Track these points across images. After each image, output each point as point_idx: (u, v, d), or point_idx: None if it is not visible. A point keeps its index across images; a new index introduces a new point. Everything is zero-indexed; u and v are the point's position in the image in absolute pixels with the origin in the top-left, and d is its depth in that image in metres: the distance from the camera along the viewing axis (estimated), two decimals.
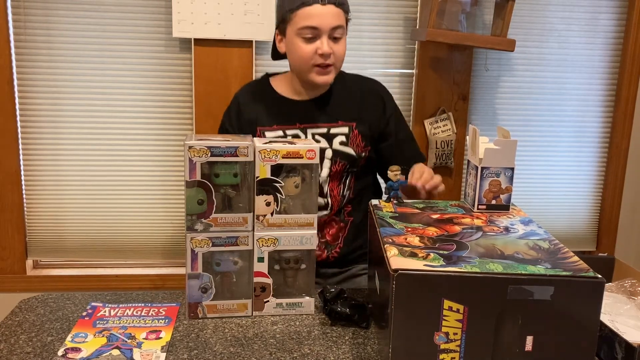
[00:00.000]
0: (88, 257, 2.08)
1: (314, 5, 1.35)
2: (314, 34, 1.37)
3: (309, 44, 1.38)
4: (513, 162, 1.19)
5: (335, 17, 1.37)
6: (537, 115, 2.16)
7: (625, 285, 1.36)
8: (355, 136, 1.48)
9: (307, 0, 1.35)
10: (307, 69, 1.41)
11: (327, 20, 1.35)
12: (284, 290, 1.19)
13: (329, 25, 1.36)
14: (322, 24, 1.35)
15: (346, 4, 1.42)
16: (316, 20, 1.35)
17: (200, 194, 1.11)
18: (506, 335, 0.88)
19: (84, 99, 1.96)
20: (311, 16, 1.35)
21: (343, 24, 1.40)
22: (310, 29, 1.36)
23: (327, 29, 1.36)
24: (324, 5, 1.35)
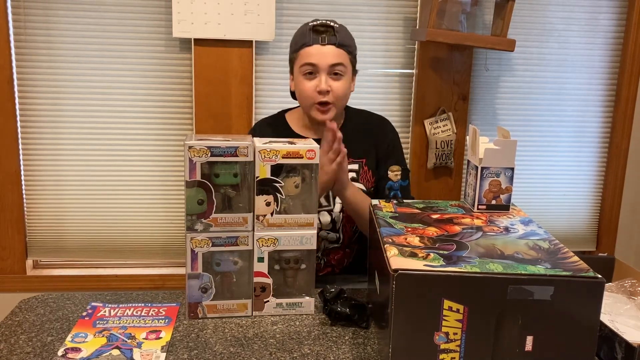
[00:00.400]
0: (88, 257, 2.08)
1: (313, 46, 1.42)
2: (313, 70, 1.43)
3: (310, 80, 1.44)
4: (513, 162, 1.19)
5: (334, 56, 1.43)
6: (537, 115, 2.16)
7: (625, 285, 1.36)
8: (365, 172, 1.51)
9: (307, 41, 1.43)
10: (309, 106, 1.46)
11: (326, 58, 1.42)
12: (284, 290, 1.19)
13: (327, 63, 1.42)
14: (320, 61, 1.42)
15: (350, 45, 1.46)
16: (315, 57, 1.42)
17: (200, 194, 1.11)
18: (506, 335, 0.88)
19: (84, 99, 1.96)
20: (311, 54, 1.43)
21: (344, 62, 1.44)
22: (310, 66, 1.43)
23: (326, 67, 1.42)
24: (323, 45, 1.42)
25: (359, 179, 1.50)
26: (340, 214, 1.49)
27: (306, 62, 1.43)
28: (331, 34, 1.43)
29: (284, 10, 1.96)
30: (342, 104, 1.49)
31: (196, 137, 1.13)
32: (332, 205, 1.49)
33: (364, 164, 1.51)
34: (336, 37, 1.43)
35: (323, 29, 1.43)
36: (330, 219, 1.49)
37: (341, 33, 1.45)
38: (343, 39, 1.44)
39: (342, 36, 1.44)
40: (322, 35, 1.42)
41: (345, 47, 1.45)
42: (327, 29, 1.43)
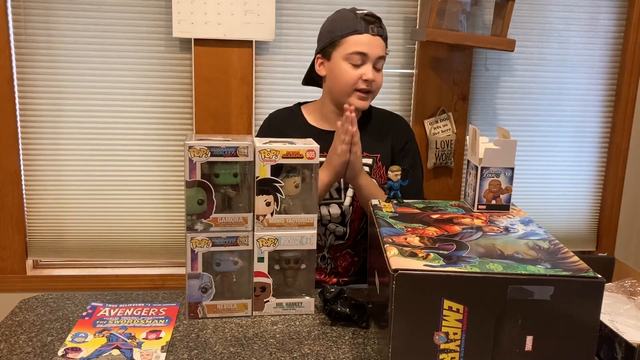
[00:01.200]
0: (88, 257, 2.08)
1: (365, 34, 1.42)
2: (362, 60, 1.43)
3: (356, 69, 1.44)
4: (513, 162, 1.19)
5: (381, 48, 1.44)
6: (537, 115, 2.16)
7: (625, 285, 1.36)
8: (379, 168, 1.51)
9: (359, 28, 1.43)
10: (348, 93, 1.46)
11: (375, 50, 1.43)
12: (284, 290, 1.19)
13: (376, 55, 1.43)
14: (371, 52, 1.43)
15: (387, 40, 1.49)
16: (366, 47, 1.42)
17: (200, 194, 1.11)
18: (506, 335, 0.88)
19: (84, 99, 1.96)
20: (362, 43, 1.42)
21: (384, 57, 1.46)
22: (360, 55, 1.43)
23: (374, 58, 1.43)
24: (373, 36, 1.43)
25: (372, 173, 1.50)
26: (350, 208, 1.49)
27: (357, 50, 1.42)
28: (379, 25, 1.44)
29: (284, 10, 1.96)
30: (376, 96, 1.50)
31: (196, 137, 1.13)
32: (342, 198, 1.49)
33: (377, 159, 1.51)
34: (383, 30, 1.45)
35: (373, 20, 1.44)
36: (340, 212, 1.49)
37: (384, 26, 1.47)
38: (385, 32, 1.47)
39: (385, 30, 1.47)
40: (371, 25, 1.43)
41: (387, 41, 1.47)
42: (375, 19, 1.45)
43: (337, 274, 1.52)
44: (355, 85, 1.44)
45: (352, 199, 1.49)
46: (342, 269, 1.51)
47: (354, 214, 1.49)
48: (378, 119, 1.56)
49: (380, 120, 1.56)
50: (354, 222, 1.50)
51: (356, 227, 1.51)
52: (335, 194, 1.49)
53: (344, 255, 1.51)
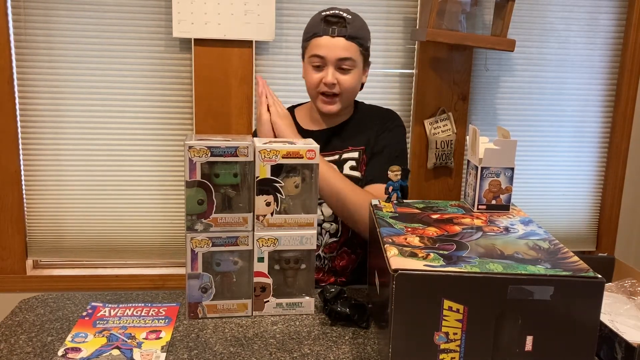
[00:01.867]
0: (88, 257, 2.08)
1: (323, 37, 1.40)
2: (321, 62, 1.42)
3: (317, 72, 1.43)
4: (513, 162, 1.19)
5: (343, 50, 1.40)
6: (537, 115, 2.16)
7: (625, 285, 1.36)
8: (364, 160, 1.49)
9: (318, 31, 1.41)
10: (314, 96, 1.46)
11: (334, 52, 1.40)
12: (284, 290, 1.19)
13: (335, 57, 1.40)
14: (329, 54, 1.40)
15: (362, 38, 1.43)
16: (324, 50, 1.40)
17: (200, 194, 1.11)
18: (506, 335, 0.88)
19: (84, 99, 1.96)
20: (319, 46, 1.41)
21: (353, 57, 1.41)
22: (318, 58, 1.41)
23: (333, 60, 1.40)
24: (333, 37, 1.40)
25: (359, 167, 1.48)
26: None
27: (314, 53, 1.41)
28: (342, 25, 1.39)
29: (284, 10, 1.96)
30: (350, 97, 1.47)
31: (196, 137, 1.13)
32: None
33: (363, 152, 1.49)
34: (347, 29, 1.39)
35: (334, 20, 1.40)
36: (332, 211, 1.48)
37: (353, 24, 1.41)
38: (354, 30, 1.41)
39: (353, 28, 1.41)
40: (332, 26, 1.40)
41: (357, 39, 1.41)
42: (338, 19, 1.40)
43: (335, 273, 1.52)
44: (318, 89, 1.43)
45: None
46: (340, 267, 1.51)
47: None
48: (364, 114, 1.55)
49: (366, 114, 1.54)
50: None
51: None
52: None
53: (340, 254, 1.51)
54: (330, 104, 1.44)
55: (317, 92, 1.44)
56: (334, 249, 1.50)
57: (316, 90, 1.44)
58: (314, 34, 1.42)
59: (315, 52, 1.41)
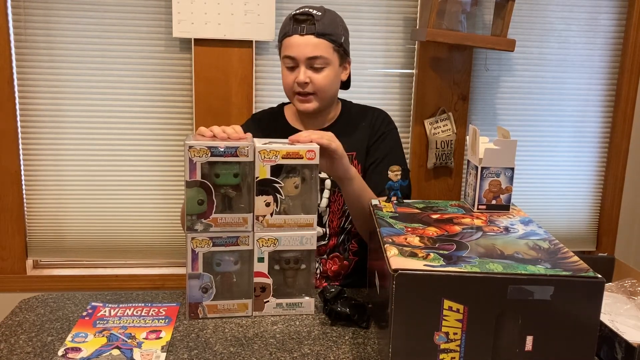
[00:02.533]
0: (88, 257, 2.08)
1: (293, 36, 1.38)
2: (293, 63, 1.40)
3: (290, 72, 1.42)
4: (513, 162, 1.19)
5: (313, 48, 1.37)
6: (537, 115, 2.16)
7: (625, 285, 1.36)
8: (355, 166, 1.45)
9: (288, 31, 1.40)
10: (291, 97, 1.45)
11: (304, 51, 1.37)
12: (284, 290, 1.19)
13: (304, 56, 1.38)
14: (298, 54, 1.38)
15: (333, 34, 1.39)
16: (294, 50, 1.38)
17: (200, 194, 1.11)
18: (506, 335, 0.88)
19: (84, 99, 1.96)
20: (290, 46, 1.39)
21: (324, 55, 1.38)
22: (290, 59, 1.40)
23: (303, 59, 1.38)
24: (302, 36, 1.37)
25: None
26: (327, 209, 1.47)
27: (286, 54, 1.40)
28: (311, 22, 1.36)
29: (284, 10, 1.96)
30: (327, 95, 1.44)
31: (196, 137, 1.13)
32: (319, 199, 1.46)
33: (353, 157, 1.47)
34: (315, 27, 1.36)
35: (303, 18, 1.37)
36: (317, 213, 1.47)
37: (322, 21, 1.37)
38: (324, 27, 1.37)
39: (322, 25, 1.37)
40: (301, 24, 1.37)
41: (327, 36, 1.37)
42: (307, 17, 1.37)
43: (328, 279, 1.50)
44: (293, 89, 1.42)
45: (329, 200, 1.46)
46: (332, 273, 1.50)
47: (331, 214, 1.48)
48: (353, 115, 1.53)
49: (356, 116, 1.52)
50: (332, 222, 1.48)
51: (335, 227, 1.48)
52: None
53: (332, 259, 1.50)
54: (306, 102, 1.42)
55: (292, 92, 1.43)
56: (322, 253, 1.49)
57: (292, 91, 1.43)
58: (284, 34, 1.41)
59: (286, 53, 1.40)
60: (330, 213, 1.48)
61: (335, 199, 1.47)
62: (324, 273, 1.50)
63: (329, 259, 1.50)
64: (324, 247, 1.49)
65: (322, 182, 1.46)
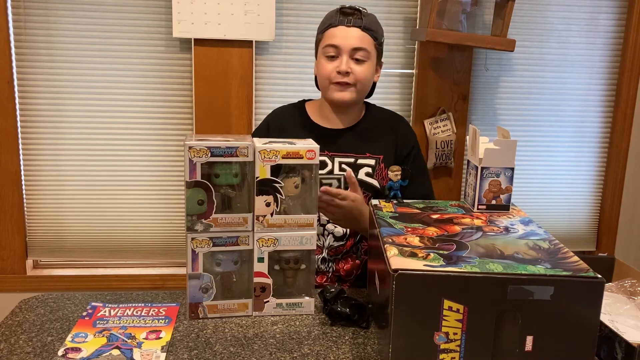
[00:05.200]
0: (88, 257, 2.08)
1: (339, 27, 1.42)
2: (336, 52, 1.43)
3: (331, 62, 1.44)
4: (513, 162, 1.19)
5: (358, 39, 1.42)
6: (537, 115, 2.16)
7: (625, 285, 1.36)
8: (381, 169, 1.49)
9: (333, 21, 1.44)
10: (327, 86, 1.46)
11: (349, 41, 1.42)
12: (284, 290, 1.19)
13: (349, 46, 1.41)
14: (343, 44, 1.42)
15: (376, 31, 1.45)
16: (339, 39, 1.42)
17: (200, 194, 1.11)
18: (506, 335, 0.88)
19: (84, 99, 1.96)
20: (335, 36, 1.43)
21: (367, 48, 1.43)
22: (333, 47, 1.43)
23: (348, 49, 1.42)
24: (348, 27, 1.42)
25: (374, 175, 1.48)
26: None
27: (329, 43, 1.43)
28: (358, 17, 1.42)
29: (284, 10, 1.96)
30: (363, 89, 1.47)
31: (196, 137, 1.13)
32: None
33: (380, 160, 1.49)
34: (362, 20, 1.42)
35: (351, 11, 1.43)
36: None
37: (369, 18, 1.44)
38: (370, 23, 1.43)
39: (369, 20, 1.43)
40: (348, 17, 1.42)
41: (371, 31, 1.44)
42: (354, 11, 1.43)
43: (340, 279, 1.51)
44: (331, 79, 1.44)
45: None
46: (344, 272, 1.50)
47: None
48: (381, 119, 1.56)
49: (383, 121, 1.55)
50: None
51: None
52: None
53: (345, 259, 1.50)
54: (343, 91, 1.44)
55: (329, 82, 1.44)
56: (339, 252, 1.50)
57: (329, 80, 1.44)
58: (329, 24, 1.44)
59: (329, 42, 1.43)
60: None
61: None
62: (336, 272, 1.50)
63: (342, 258, 1.50)
64: (341, 247, 1.49)
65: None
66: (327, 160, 1.48)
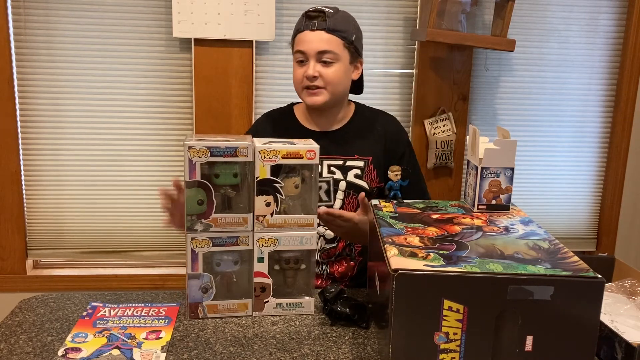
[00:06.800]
0: (88, 257, 2.08)
1: (304, 32, 1.42)
2: (304, 57, 1.43)
3: (301, 67, 1.45)
4: (513, 162, 1.19)
5: (323, 42, 1.41)
6: (537, 115, 2.16)
7: (625, 285, 1.36)
8: (370, 171, 1.49)
9: (300, 27, 1.44)
10: (300, 91, 1.47)
11: (314, 45, 1.41)
12: (283, 290, 1.19)
13: (314, 50, 1.41)
14: (308, 49, 1.42)
15: (344, 31, 1.42)
16: (305, 44, 1.42)
17: (200, 194, 1.11)
18: (506, 335, 0.88)
19: (84, 99, 1.96)
20: (301, 41, 1.43)
21: (334, 50, 1.41)
22: (300, 53, 1.44)
23: (313, 53, 1.41)
24: (312, 31, 1.41)
25: (363, 176, 1.48)
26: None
27: (297, 48, 1.44)
28: (322, 19, 1.40)
29: (284, 10, 1.96)
30: (337, 90, 1.45)
31: (196, 137, 1.13)
32: (332, 201, 1.47)
33: (369, 162, 1.49)
34: (326, 22, 1.40)
35: (315, 14, 1.42)
36: None
37: (334, 18, 1.41)
38: (335, 24, 1.40)
39: (334, 21, 1.40)
40: (313, 20, 1.41)
41: (337, 32, 1.41)
42: (319, 14, 1.41)
43: (335, 280, 1.51)
44: (302, 84, 1.44)
45: (342, 202, 1.47)
46: (338, 274, 1.50)
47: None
48: (369, 120, 1.54)
49: (372, 122, 1.54)
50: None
51: None
52: (324, 197, 1.47)
53: (339, 261, 1.50)
54: (315, 95, 1.43)
55: (301, 87, 1.45)
56: (332, 255, 1.50)
57: (301, 86, 1.45)
58: (297, 30, 1.45)
59: (297, 48, 1.44)
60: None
61: (349, 201, 1.47)
62: (330, 275, 1.50)
63: (336, 261, 1.50)
64: (333, 249, 1.49)
65: (337, 183, 1.47)
66: None
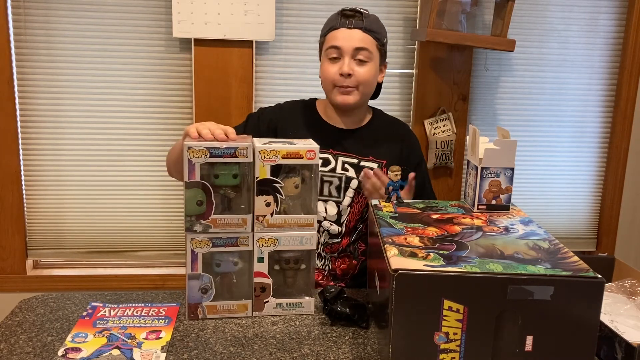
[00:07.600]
0: (88, 257, 2.08)
1: (340, 29, 1.43)
2: (338, 54, 1.43)
3: (333, 64, 1.44)
4: (513, 162, 1.19)
5: (359, 40, 1.42)
6: (537, 115, 2.16)
7: (625, 285, 1.36)
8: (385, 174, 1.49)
9: (335, 24, 1.44)
10: (330, 90, 1.46)
11: (350, 42, 1.42)
12: (283, 290, 1.19)
13: (351, 46, 1.42)
14: (345, 45, 1.42)
15: (378, 32, 1.46)
16: (340, 40, 1.42)
17: (199, 195, 1.11)
18: (506, 335, 0.88)
19: (84, 98, 1.96)
20: (336, 37, 1.43)
21: (370, 49, 1.43)
22: (335, 49, 1.43)
23: (350, 50, 1.42)
24: (350, 29, 1.43)
25: None
26: (348, 208, 1.48)
27: (331, 44, 1.43)
28: (359, 18, 1.43)
29: (284, 10, 1.96)
30: (367, 91, 1.47)
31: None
32: (341, 197, 1.48)
33: (382, 165, 1.50)
34: (363, 22, 1.42)
35: (351, 13, 1.44)
36: (336, 211, 1.48)
37: (370, 19, 1.45)
38: (371, 24, 1.44)
39: (370, 22, 1.44)
40: (350, 19, 1.43)
41: (373, 32, 1.44)
42: (355, 13, 1.44)
43: (335, 278, 1.51)
44: (334, 81, 1.44)
45: (352, 200, 1.48)
46: (340, 271, 1.51)
47: (351, 214, 1.49)
48: (387, 126, 1.57)
49: (390, 128, 1.57)
50: (349, 223, 1.50)
51: (351, 227, 1.50)
52: (334, 192, 1.48)
53: (342, 258, 1.51)
54: (347, 94, 1.44)
55: (333, 85, 1.45)
56: (335, 250, 1.50)
57: (332, 83, 1.44)
58: (331, 27, 1.45)
59: (332, 44, 1.43)
60: (350, 213, 1.49)
61: (358, 200, 1.48)
62: (332, 271, 1.50)
63: (339, 257, 1.50)
64: (336, 245, 1.50)
65: (349, 181, 1.47)
66: (330, 158, 1.48)
